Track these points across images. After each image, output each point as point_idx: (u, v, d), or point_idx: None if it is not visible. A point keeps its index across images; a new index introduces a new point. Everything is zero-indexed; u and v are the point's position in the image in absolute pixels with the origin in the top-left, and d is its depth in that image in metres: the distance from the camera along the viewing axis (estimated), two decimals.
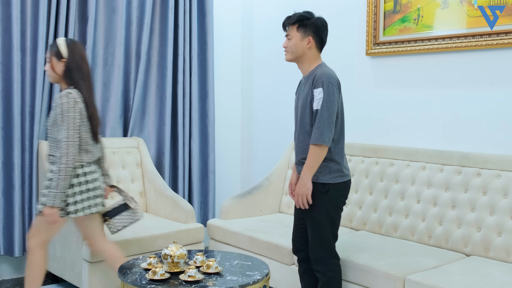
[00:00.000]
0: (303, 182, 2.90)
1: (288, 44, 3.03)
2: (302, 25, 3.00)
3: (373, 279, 3.00)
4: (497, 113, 3.41)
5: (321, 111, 2.85)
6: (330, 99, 2.86)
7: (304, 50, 3.00)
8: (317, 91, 2.87)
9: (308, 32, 3.00)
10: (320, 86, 2.86)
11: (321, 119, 2.85)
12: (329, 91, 2.86)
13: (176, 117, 4.68)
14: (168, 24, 4.56)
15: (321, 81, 2.87)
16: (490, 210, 3.22)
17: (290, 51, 3.02)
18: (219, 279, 2.75)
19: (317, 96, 2.87)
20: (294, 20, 3.01)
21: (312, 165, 2.87)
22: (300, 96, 3.04)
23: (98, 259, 3.48)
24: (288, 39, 3.03)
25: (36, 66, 3.98)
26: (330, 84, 2.87)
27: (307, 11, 3.08)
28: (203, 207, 4.89)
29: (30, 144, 4.02)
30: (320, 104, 2.85)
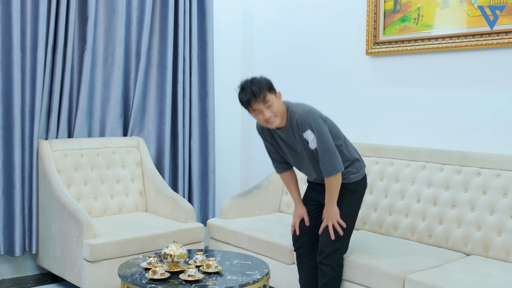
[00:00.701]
0: (330, 209, 3.06)
1: (272, 110, 2.95)
2: (270, 86, 2.99)
3: (373, 278, 3.00)
4: (497, 112, 3.41)
5: (319, 148, 2.94)
6: (322, 132, 2.95)
7: (279, 108, 3.00)
8: (307, 133, 2.95)
9: (273, 89, 3.01)
10: (307, 128, 2.94)
11: (324, 154, 2.95)
12: (316, 127, 2.94)
13: (176, 117, 4.68)
14: (168, 24, 4.56)
15: (305, 124, 2.94)
16: (490, 209, 3.22)
17: (279, 115, 2.98)
18: (219, 279, 2.75)
19: (310, 138, 2.95)
20: (267, 88, 2.95)
21: (335, 194, 3.04)
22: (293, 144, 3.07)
23: (98, 259, 3.49)
24: (269, 108, 2.95)
25: (36, 65, 3.98)
26: (313, 120, 2.95)
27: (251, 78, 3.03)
28: (203, 207, 4.89)
29: (30, 143, 4.02)
30: (316, 143, 2.94)
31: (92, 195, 4.16)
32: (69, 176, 4.06)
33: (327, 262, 3.08)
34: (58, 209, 3.77)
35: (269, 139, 3.19)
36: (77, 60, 4.24)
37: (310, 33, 4.57)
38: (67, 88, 4.15)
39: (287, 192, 4.40)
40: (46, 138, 4.16)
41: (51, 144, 4.04)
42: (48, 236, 3.91)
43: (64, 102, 4.15)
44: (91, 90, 4.30)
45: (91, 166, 4.19)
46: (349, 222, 3.13)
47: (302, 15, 4.63)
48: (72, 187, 4.06)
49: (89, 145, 4.22)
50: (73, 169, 4.10)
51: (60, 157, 4.04)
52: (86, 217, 3.56)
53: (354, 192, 3.16)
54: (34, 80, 4.00)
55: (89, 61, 4.22)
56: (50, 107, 4.13)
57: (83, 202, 4.08)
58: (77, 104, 4.22)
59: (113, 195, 4.27)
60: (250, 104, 2.96)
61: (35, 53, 3.99)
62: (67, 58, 4.12)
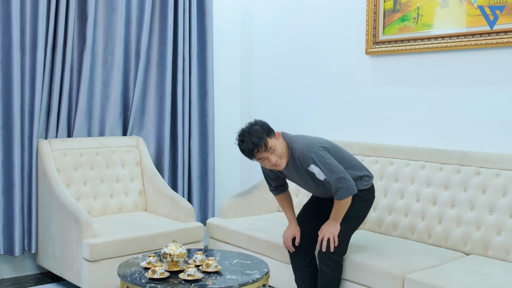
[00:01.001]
0: (333, 224, 3.09)
1: (277, 154, 3.01)
2: (267, 132, 3.03)
3: (373, 278, 3.00)
4: (497, 112, 3.41)
5: (330, 178, 2.98)
6: (327, 163, 2.99)
7: (282, 147, 3.06)
8: (311, 167, 2.99)
9: (272, 132, 3.06)
10: (310, 163, 2.99)
11: (337, 182, 2.97)
12: (320, 159, 2.98)
13: (175, 116, 4.68)
14: (167, 23, 4.56)
15: (307, 158, 2.99)
16: (490, 209, 3.22)
17: (284, 156, 3.05)
18: (219, 278, 2.75)
19: (315, 171, 2.99)
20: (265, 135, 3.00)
21: (343, 212, 3.08)
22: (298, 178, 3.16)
23: (98, 258, 3.49)
24: (273, 153, 3.00)
25: (36, 65, 3.98)
26: (314, 154, 2.99)
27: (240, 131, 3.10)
28: (202, 206, 4.89)
29: (30, 143, 4.02)
30: (323, 173, 2.98)
31: (92, 194, 4.16)
32: (68, 176, 4.06)
33: (328, 262, 3.09)
34: (58, 209, 3.77)
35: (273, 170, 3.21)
36: (76, 60, 4.24)
37: (309, 33, 4.56)
38: (66, 88, 4.15)
39: None
40: (45, 138, 4.16)
41: (51, 143, 4.04)
42: (48, 236, 3.91)
43: (64, 102, 4.15)
44: (90, 90, 4.30)
45: (90, 165, 4.19)
46: (352, 226, 3.18)
47: (301, 14, 4.63)
48: (71, 187, 4.06)
49: (88, 144, 4.22)
50: (72, 169, 4.10)
51: (59, 157, 4.04)
52: (85, 216, 3.56)
53: (364, 201, 3.21)
54: (33, 79, 4.00)
55: (89, 61, 4.22)
56: (50, 106, 4.13)
57: (83, 202, 4.08)
58: (76, 104, 4.22)
59: (113, 195, 4.27)
60: (253, 155, 3.01)
61: (34, 52, 3.99)
62: (67, 58, 4.12)
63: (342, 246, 3.13)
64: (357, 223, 3.24)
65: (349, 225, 3.15)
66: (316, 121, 4.53)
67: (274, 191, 3.41)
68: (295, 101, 4.71)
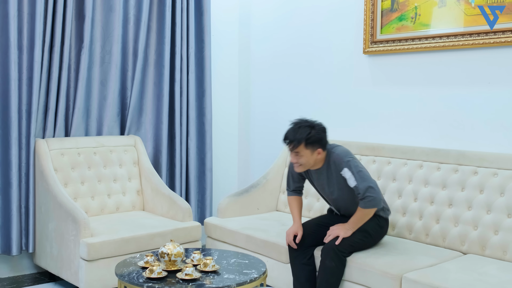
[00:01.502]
0: (346, 228, 3.17)
1: (299, 160, 3.17)
2: (309, 143, 3.14)
3: (370, 277, 3.00)
4: (494, 111, 3.41)
5: (360, 184, 3.11)
6: (359, 169, 3.15)
7: (316, 160, 3.20)
8: (344, 171, 3.14)
9: (316, 145, 3.16)
10: (344, 167, 3.14)
11: (366, 191, 3.11)
12: (354, 165, 3.15)
13: (173, 115, 4.68)
14: (165, 22, 4.55)
15: (342, 163, 3.15)
16: (487, 208, 3.23)
17: (304, 165, 3.20)
18: (216, 278, 2.75)
19: (347, 175, 3.13)
20: (302, 141, 3.12)
21: (361, 222, 3.17)
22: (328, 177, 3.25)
23: (95, 258, 3.48)
24: (298, 156, 3.17)
25: (33, 64, 3.97)
26: (351, 159, 3.18)
27: (303, 120, 3.20)
28: (200, 205, 4.89)
29: (27, 142, 4.01)
30: (354, 179, 3.12)
31: (89, 194, 4.15)
32: (66, 175, 4.06)
33: (334, 257, 3.10)
34: (55, 208, 3.77)
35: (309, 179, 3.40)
36: (74, 59, 4.23)
37: (307, 32, 4.56)
38: (64, 87, 4.15)
39: (284, 190, 4.40)
40: (43, 137, 4.16)
41: (48, 143, 4.03)
42: (45, 235, 3.91)
43: (61, 101, 4.14)
44: (88, 89, 4.29)
45: (88, 165, 4.18)
46: (363, 239, 3.21)
47: (299, 14, 4.63)
48: (69, 186, 4.06)
49: (86, 144, 4.21)
50: (70, 168, 4.09)
51: (57, 156, 4.04)
52: (83, 216, 3.55)
53: (380, 227, 3.30)
54: (31, 78, 3.99)
55: (86, 60, 4.22)
56: (47, 105, 4.12)
57: (80, 201, 4.08)
58: (74, 103, 4.22)
59: (110, 194, 4.26)
60: (285, 143, 3.19)
61: (32, 51, 3.99)
62: (64, 57, 4.12)
63: (347, 247, 3.14)
64: (368, 240, 3.25)
65: (361, 236, 3.20)
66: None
67: (290, 192, 3.52)
68: (293, 100, 4.71)
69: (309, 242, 3.32)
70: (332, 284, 3.11)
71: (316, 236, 3.33)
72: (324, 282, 3.12)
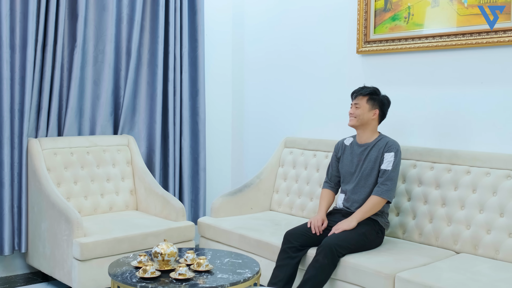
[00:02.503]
0: (350, 222, 3.27)
1: (355, 111, 3.41)
2: (372, 98, 3.41)
3: (363, 276, 3.00)
4: (487, 111, 3.42)
5: (390, 172, 3.31)
6: (398, 164, 3.37)
7: (369, 120, 3.42)
8: (390, 155, 3.34)
9: (375, 105, 3.42)
10: (393, 151, 3.35)
11: (390, 178, 3.31)
12: (399, 157, 3.37)
13: (166, 115, 4.67)
14: (158, 22, 4.54)
15: (394, 147, 3.37)
16: (480, 207, 3.24)
17: (358, 118, 3.41)
18: (210, 277, 2.75)
19: (389, 159, 3.34)
20: (367, 92, 3.41)
21: (368, 213, 3.31)
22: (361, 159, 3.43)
23: (88, 257, 3.47)
24: (356, 107, 3.41)
25: (26, 63, 3.96)
26: (400, 153, 3.39)
27: (376, 88, 3.46)
28: (193, 205, 4.88)
29: (20, 142, 4.00)
30: (391, 166, 3.32)
31: (82, 193, 4.14)
32: (59, 175, 4.05)
33: (328, 254, 3.09)
34: (48, 208, 3.76)
35: (339, 154, 3.59)
36: (67, 58, 4.22)
37: (301, 32, 4.57)
38: (57, 86, 4.13)
39: (278, 190, 4.40)
40: (35, 137, 4.14)
41: (41, 142, 4.02)
42: (38, 235, 3.89)
43: (54, 100, 4.13)
44: (81, 88, 4.28)
45: (81, 164, 4.17)
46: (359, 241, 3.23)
47: (293, 14, 4.63)
48: (62, 186, 4.05)
49: (79, 143, 4.20)
50: (63, 168, 4.08)
51: (50, 156, 4.02)
52: (76, 215, 3.54)
53: (377, 232, 3.35)
54: (23, 78, 3.98)
55: (79, 59, 4.20)
56: (40, 105, 4.10)
57: (73, 201, 4.07)
58: (67, 102, 4.21)
59: (104, 194, 4.25)
60: (356, 94, 3.45)
61: (24, 51, 3.97)
62: (57, 56, 4.10)
63: (345, 247, 3.15)
64: (365, 243, 3.26)
65: (359, 239, 3.22)
66: (307, 120, 4.53)
67: (325, 183, 3.65)
68: (287, 100, 4.71)
69: (303, 241, 3.31)
70: (319, 282, 3.09)
71: (314, 238, 3.33)
72: (312, 277, 3.10)
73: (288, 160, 4.41)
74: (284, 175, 4.41)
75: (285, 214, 4.30)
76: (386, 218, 3.43)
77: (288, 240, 3.32)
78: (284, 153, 4.46)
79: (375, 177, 3.38)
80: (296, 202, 4.25)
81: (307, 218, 4.08)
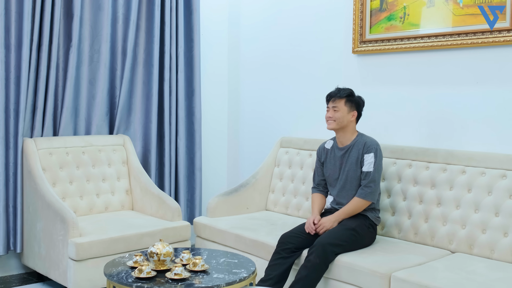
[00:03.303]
0: (331, 220, 3.34)
1: (334, 115, 3.41)
2: (349, 100, 3.43)
3: (359, 276, 3.01)
4: (482, 111, 3.43)
5: (372, 173, 3.34)
6: (380, 164, 3.39)
7: (348, 122, 3.44)
8: (369, 156, 3.36)
9: (353, 107, 3.44)
10: (372, 152, 3.36)
11: (373, 180, 3.34)
12: (379, 157, 3.38)
13: (162, 115, 4.67)
14: (154, 21, 4.54)
15: (373, 147, 3.38)
16: (475, 207, 3.25)
17: (337, 121, 3.42)
18: (206, 277, 2.75)
19: (369, 160, 3.35)
20: (345, 94, 3.41)
21: (347, 214, 3.35)
22: (343, 162, 3.46)
23: (84, 258, 3.47)
24: (334, 111, 3.41)
25: (21, 63, 3.94)
26: (379, 151, 3.40)
27: (351, 89, 3.48)
28: (189, 205, 4.88)
29: (15, 141, 3.99)
30: (372, 167, 3.34)
31: (78, 193, 4.13)
32: (54, 175, 4.04)
33: (320, 254, 3.09)
34: (43, 208, 3.75)
35: (322, 159, 3.60)
36: (62, 58, 4.21)
37: (296, 32, 4.57)
38: (52, 86, 4.12)
39: (273, 190, 4.41)
40: (31, 136, 4.13)
41: (36, 142, 4.01)
42: (33, 235, 3.88)
43: (49, 100, 4.12)
44: (76, 88, 4.27)
45: (76, 164, 4.16)
46: (351, 238, 3.24)
47: (289, 14, 4.63)
48: (57, 186, 4.04)
49: (74, 143, 4.19)
50: (58, 168, 4.07)
51: (45, 155, 4.01)
52: (71, 215, 3.53)
53: (368, 228, 3.36)
54: (18, 77, 3.97)
55: (75, 59, 4.20)
56: (35, 105, 4.09)
57: (69, 201, 4.06)
58: (62, 102, 4.20)
59: (99, 194, 4.24)
60: (327, 101, 3.47)
61: (19, 50, 3.96)
62: (52, 56, 4.09)
63: (337, 246, 3.15)
64: (357, 238, 3.27)
65: (349, 235, 3.23)
66: (303, 120, 4.54)
67: (314, 189, 3.65)
68: (283, 100, 4.71)
69: (298, 243, 3.31)
70: (311, 281, 3.09)
71: (305, 238, 3.33)
72: (303, 277, 3.10)
73: (284, 160, 4.41)
74: (280, 175, 4.41)
75: (281, 214, 4.30)
76: (376, 213, 3.44)
77: (283, 242, 3.33)
78: (280, 153, 4.47)
79: (358, 179, 3.40)
80: (292, 202, 4.25)
81: (303, 217, 4.08)
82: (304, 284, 3.08)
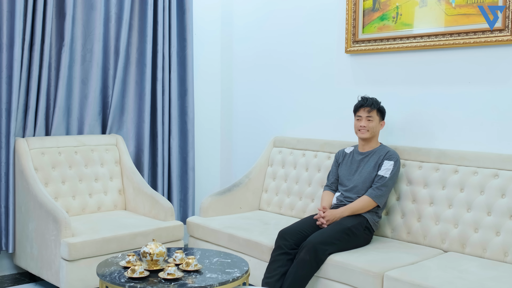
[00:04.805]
0: (339, 214, 3.40)
1: (369, 125, 3.51)
2: (380, 110, 3.55)
3: (352, 275, 3.01)
4: (474, 110, 3.45)
5: (388, 179, 3.42)
6: (397, 174, 3.48)
7: (376, 133, 3.57)
8: (389, 163, 3.45)
9: (382, 117, 3.58)
10: (393, 160, 3.46)
11: (386, 185, 3.42)
12: (398, 168, 3.48)
13: (155, 114, 4.66)
14: (147, 21, 4.53)
15: (395, 157, 3.48)
16: (467, 206, 3.26)
17: (371, 131, 3.52)
18: (199, 277, 2.75)
19: (388, 167, 3.44)
20: (378, 105, 3.53)
21: (357, 211, 3.40)
22: (360, 166, 3.55)
23: (77, 258, 3.46)
24: (369, 120, 3.51)
25: (13, 62, 3.92)
26: (399, 164, 3.51)
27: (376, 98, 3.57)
28: (182, 205, 4.88)
29: (7, 141, 3.97)
30: (389, 174, 3.42)
31: (70, 193, 4.12)
32: (46, 174, 4.02)
33: (310, 251, 3.10)
34: (36, 208, 3.73)
35: (339, 161, 3.70)
36: (54, 57, 4.19)
37: (289, 32, 4.57)
38: (44, 85, 4.10)
39: (267, 189, 4.41)
40: (23, 136, 4.11)
41: (28, 142, 3.99)
42: (25, 235, 3.87)
43: (42, 100, 4.10)
44: (69, 88, 4.26)
45: (69, 164, 4.15)
46: (345, 238, 3.26)
47: (281, 14, 4.64)
48: (49, 186, 4.02)
49: (67, 143, 4.18)
50: (50, 167, 4.06)
51: (37, 155, 4.00)
52: (64, 215, 3.52)
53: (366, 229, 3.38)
54: (10, 77, 3.95)
55: (67, 58, 4.18)
56: (27, 104, 4.08)
57: (61, 201, 4.04)
58: (54, 102, 4.18)
59: (92, 194, 4.23)
60: (358, 109, 3.54)
61: (11, 49, 3.94)
62: (45, 55, 4.08)
63: (329, 244, 3.16)
64: (351, 238, 3.28)
65: (343, 234, 3.24)
66: (296, 119, 4.54)
67: (327, 186, 3.73)
68: (276, 99, 4.72)
69: (297, 240, 3.30)
70: (300, 278, 3.09)
71: (305, 234, 3.33)
72: (292, 274, 3.11)
73: (277, 159, 4.41)
74: (273, 175, 4.41)
75: (274, 213, 4.30)
76: (376, 218, 3.45)
77: (283, 237, 3.32)
78: (273, 152, 4.47)
79: (371, 182, 3.47)
80: (285, 202, 4.26)
81: (296, 217, 4.09)
82: (293, 280, 3.09)
